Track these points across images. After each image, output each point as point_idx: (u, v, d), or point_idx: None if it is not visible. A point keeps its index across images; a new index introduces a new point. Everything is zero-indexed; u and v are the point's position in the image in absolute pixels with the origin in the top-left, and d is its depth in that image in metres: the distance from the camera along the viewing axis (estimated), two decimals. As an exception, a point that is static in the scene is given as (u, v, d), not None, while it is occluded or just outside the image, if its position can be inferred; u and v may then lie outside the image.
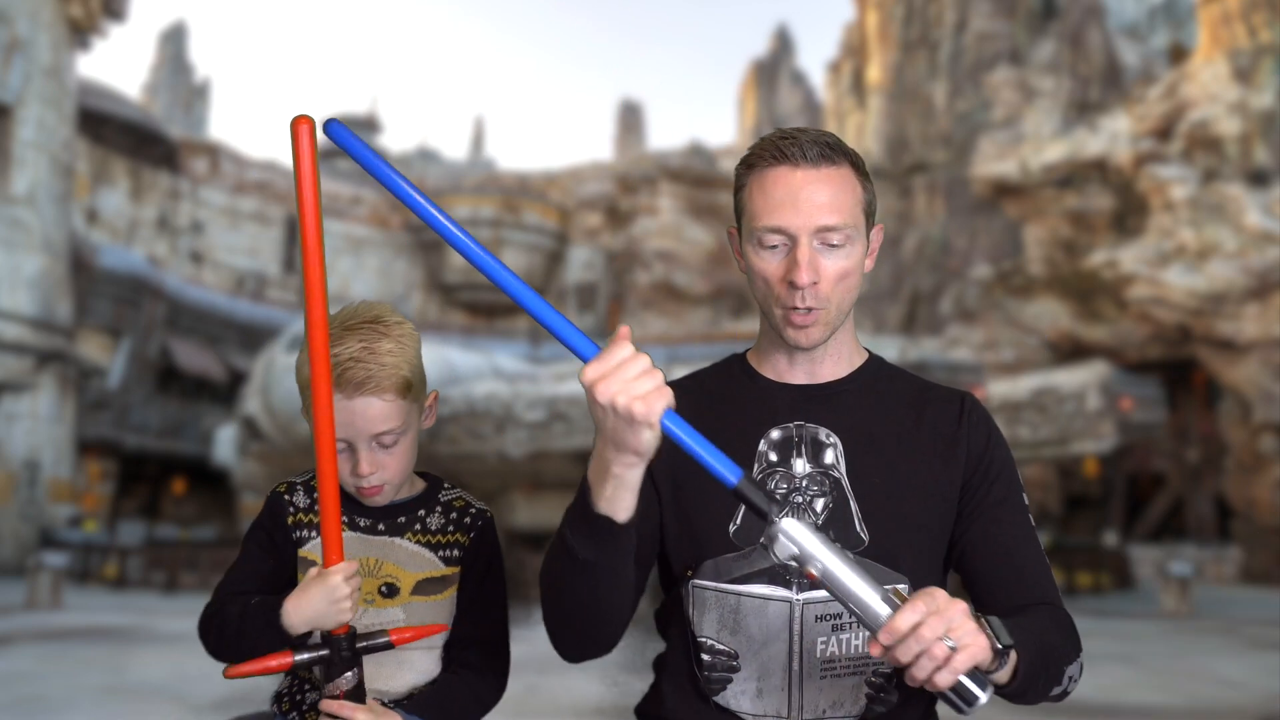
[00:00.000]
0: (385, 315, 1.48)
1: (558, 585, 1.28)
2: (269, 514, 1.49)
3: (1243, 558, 24.82)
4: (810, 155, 1.33)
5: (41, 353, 22.02)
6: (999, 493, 1.38)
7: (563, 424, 18.46)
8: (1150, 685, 7.99)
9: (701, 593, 1.36)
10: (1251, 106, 25.55)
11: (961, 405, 1.42)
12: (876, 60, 37.34)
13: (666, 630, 1.45)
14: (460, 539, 1.49)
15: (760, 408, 1.41)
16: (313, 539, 1.47)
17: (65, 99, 23.72)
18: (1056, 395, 20.87)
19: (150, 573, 18.41)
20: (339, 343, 1.41)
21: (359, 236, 37.83)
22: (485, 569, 1.49)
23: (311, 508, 1.48)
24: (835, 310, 1.36)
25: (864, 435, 1.38)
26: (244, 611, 1.37)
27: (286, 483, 1.52)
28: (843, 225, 1.33)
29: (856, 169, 1.37)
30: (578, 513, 1.23)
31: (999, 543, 1.37)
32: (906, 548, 1.34)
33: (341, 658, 1.31)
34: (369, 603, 1.45)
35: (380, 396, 1.41)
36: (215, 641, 1.40)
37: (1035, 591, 1.35)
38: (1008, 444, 1.44)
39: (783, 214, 1.33)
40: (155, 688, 7.25)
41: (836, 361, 1.43)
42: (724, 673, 1.35)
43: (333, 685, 1.32)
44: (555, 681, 7.25)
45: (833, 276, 1.34)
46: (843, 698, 1.33)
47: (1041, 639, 1.24)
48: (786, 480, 1.36)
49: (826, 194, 1.33)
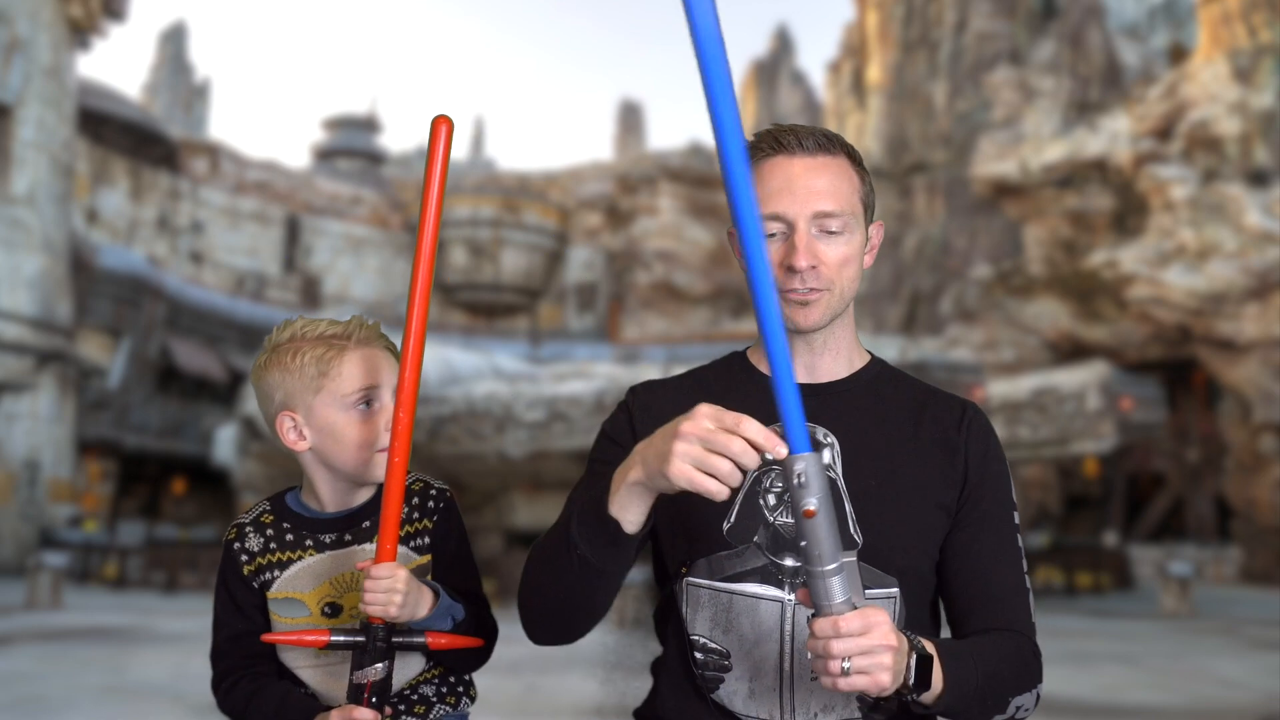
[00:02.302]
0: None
1: (549, 571, 1.29)
2: (226, 569, 1.48)
3: (1243, 558, 24.82)
4: (807, 145, 1.35)
5: (41, 353, 22.02)
6: (986, 508, 1.37)
7: (563, 424, 18.45)
8: (1150, 685, 7.99)
9: (696, 590, 1.36)
10: (1251, 106, 25.55)
11: (963, 413, 1.41)
12: (876, 60, 37.33)
13: (663, 629, 1.45)
14: (426, 524, 1.48)
15: (758, 404, 1.38)
16: (278, 578, 1.45)
17: (65, 99, 23.72)
18: (1056, 395, 20.88)
19: (150, 573, 18.40)
20: (314, 325, 1.46)
21: (359, 236, 37.81)
22: (455, 548, 1.50)
23: (268, 548, 1.46)
24: (838, 296, 1.36)
25: (862, 437, 1.37)
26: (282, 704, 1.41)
27: (236, 526, 1.48)
28: (840, 212, 1.34)
29: (854, 162, 1.39)
30: (584, 514, 1.24)
31: (976, 560, 1.36)
32: (900, 552, 1.33)
33: (376, 647, 1.32)
34: (355, 615, 1.43)
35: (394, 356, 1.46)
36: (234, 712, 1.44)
37: (1004, 616, 1.34)
38: (1006, 460, 1.42)
39: (780, 201, 1.33)
40: (155, 688, 7.24)
41: (836, 360, 1.43)
42: (716, 672, 1.35)
43: (360, 674, 1.32)
44: (555, 681, 7.25)
45: (833, 262, 1.34)
46: (834, 701, 1.32)
47: (988, 668, 1.25)
48: (782, 479, 1.34)
49: (823, 181, 1.34)
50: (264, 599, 1.46)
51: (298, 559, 1.45)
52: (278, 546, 1.46)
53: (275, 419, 1.45)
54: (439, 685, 1.49)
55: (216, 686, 1.47)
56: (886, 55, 36.63)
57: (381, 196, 38.97)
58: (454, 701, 1.49)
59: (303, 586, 1.44)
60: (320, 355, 1.42)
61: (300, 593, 1.44)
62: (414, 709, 1.46)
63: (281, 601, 1.44)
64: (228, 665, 1.46)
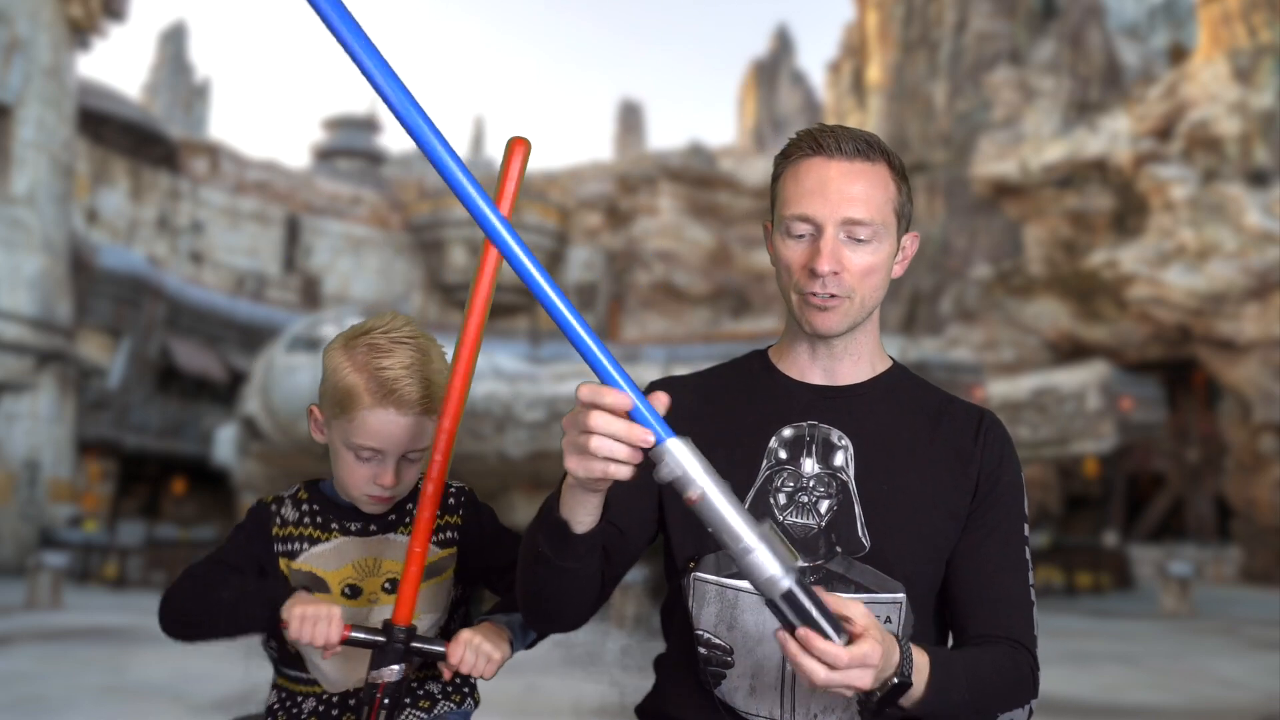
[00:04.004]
0: (424, 333, 1.49)
1: (524, 566, 1.30)
2: (253, 522, 1.49)
3: (1243, 558, 24.82)
4: (846, 149, 1.34)
5: (41, 353, 22.01)
6: (996, 518, 1.36)
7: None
8: (1150, 685, 7.99)
9: (702, 586, 1.36)
10: (1251, 106, 25.54)
11: (980, 422, 1.41)
12: (876, 60, 37.32)
13: (669, 624, 1.45)
14: (452, 520, 1.51)
15: (775, 404, 1.40)
16: (305, 551, 1.47)
17: (65, 99, 23.71)
18: (1056, 395, 20.90)
19: (150, 573, 18.39)
20: (388, 355, 1.42)
21: (359, 236, 37.81)
22: (492, 530, 1.52)
23: (302, 521, 1.48)
24: (859, 304, 1.35)
25: (877, 441, 1.37)
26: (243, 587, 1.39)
27: (275, 496, 1.52)
28: (870, 220, 1.33)
29: (893, 170, 1.38)
30: (544, 512, 1.25)
31: (980, 565, 1.35)
32: (907, 557, 1.33)
33: (394, 648, 1.32)
34: (373, 601, 1.46)
35: (429, 416, 1.43)
36: (182, 602, 1.41)
37: (1003, 626, 1.33)
38: (1022, 473, 1.41)
39: (812, 202, 1.33)
40: (155, 688, 7.24)
41: (856, 363, 1.42)
42: (718, 668, 1.35)
43: (376, 674, 1.32)
44: (555, 682, 7.25)
45: (857, 271, 1.34)
46: (834, 702, 1.32)
47: (977, 681, 1.25)
48: (794, 479, 1.35)
49: (857, 188, 1.33)
50: (276, 565, 1.47)
51: (328, 539, 1.48)
52: (310, 523, 1.48)
53: (311, 406, 1.48)
54: (445, 683, 1.50)
55: (165, 596, 1.44)
56: (886, 55, 36.62)
57: (381, 196, 38.96)
58: (459, 700, 1.51)
59: (328, 565, 1.47)
60: (351, 389, 1.41)
61: (324, 570, 1.46)
62: (419, 703, 1.47)
63: (304, 574, 1.46)
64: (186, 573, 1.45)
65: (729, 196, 38.96)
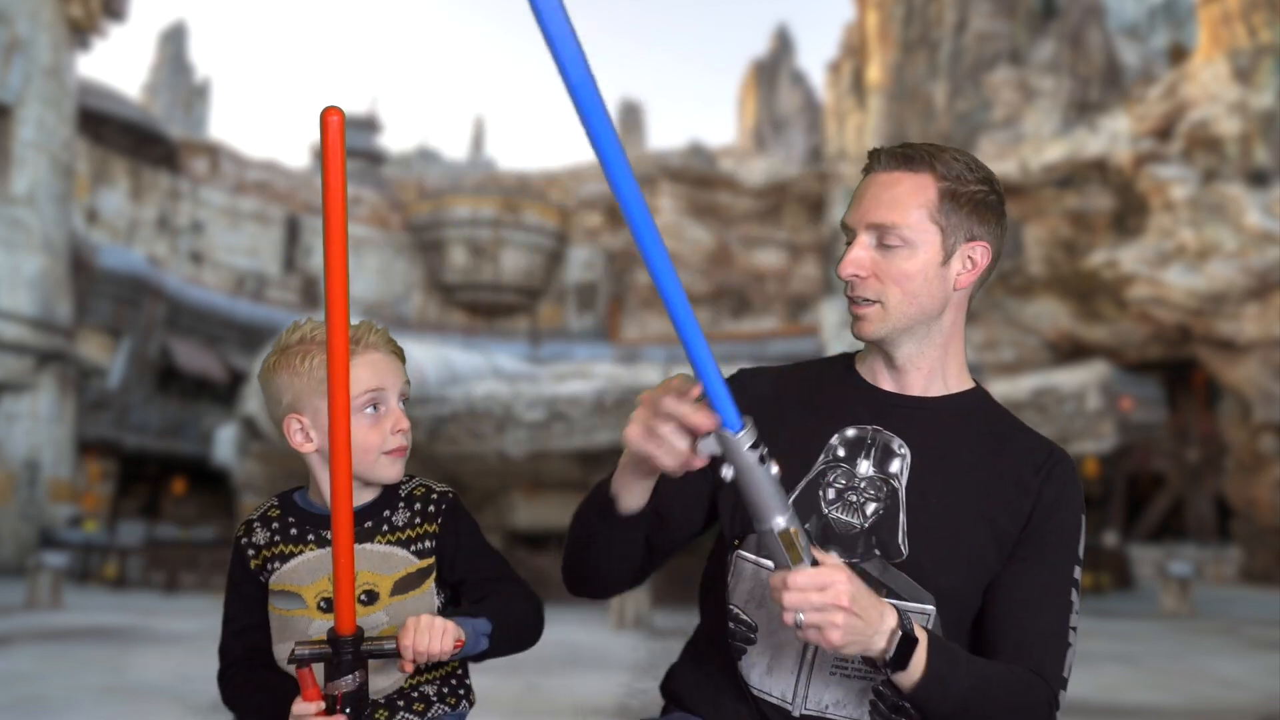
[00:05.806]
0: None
1: (575, 525, 1.42)
2: (235, 564, 1.51)
3: (1243, 558, 24.82)
4: (885, 161, 1.39)
5: (41, 353, 22.02)
6: (1042, 551, 1.35)
7: (562, 424, 18.45)
8: (1150, 685, 7.99)
9: (742, 563, 1.41)
10: (1251, 106, 25.53)
11: (1049, 458, 1.40)
12: (876, 60, 37.32)
13: (706, 598, 1.49)
14: (430, 529, 1.48)
15: (845, 404, 1.43)
16: (279, 570, 1.46)
17: (65, 99, 23.71)
18: (1056, 395, 20.88)
19: (150, 573, 18.38)
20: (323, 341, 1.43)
21: (359, 236, 37.80)
22: (470, 543, 1.50)
23: (273, 541, 1.48)
24: (894, 312, 1.37)
25: (936, 456, 1.38)
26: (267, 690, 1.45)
27: (245, 524, 1.52)
28: (896, 226, 1.35)
29: (942, 179, 1.37)
30: (600, 483, 1.36)
31: (1017, 598, 1.34)
32: (943, 573, 1.33)
33: (344, 659, 1.29)
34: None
35: (399, 357, 1.48)
36: (232, 702, 1.50)
37: (1033, 657, 1.32)
38: (1083, 516, 1.39)
39: (850, 212, 1.40)
40: (155, 688, 7.24)
41: (929, 380, 1.43)
42: (741, 643, 1.39)
43: (332, 685, 1.29)
44: (555, 681, 7.25)
45: (888, 277, 1.36)
46: (846, 698, 1.34)
47: (980, 681, 1.25)
48: (846, 477, 1.37)
49: (889, 195, 1.36)
50: (266, 600, 1.48)
51: (299, 553, 1.47)
52: (281, 539, 1.48)
53: (283, 420, 1.46)
54: (439, 685, 1.50)
55: (221, 678, 1.52)
56: (886, 55, 36.62)
57: (381, 196, 38.95)
58: (454, 702, 1.50)
59: (301, 580, 1.46)
60: (324, 363, 1.41)
61: (298, 585, 1.45)
62: (413, 706, 1.47)
63: (279, 594, 1.46)
64: (233, 658, 1.51)
65: (729, 196, 38.96)
